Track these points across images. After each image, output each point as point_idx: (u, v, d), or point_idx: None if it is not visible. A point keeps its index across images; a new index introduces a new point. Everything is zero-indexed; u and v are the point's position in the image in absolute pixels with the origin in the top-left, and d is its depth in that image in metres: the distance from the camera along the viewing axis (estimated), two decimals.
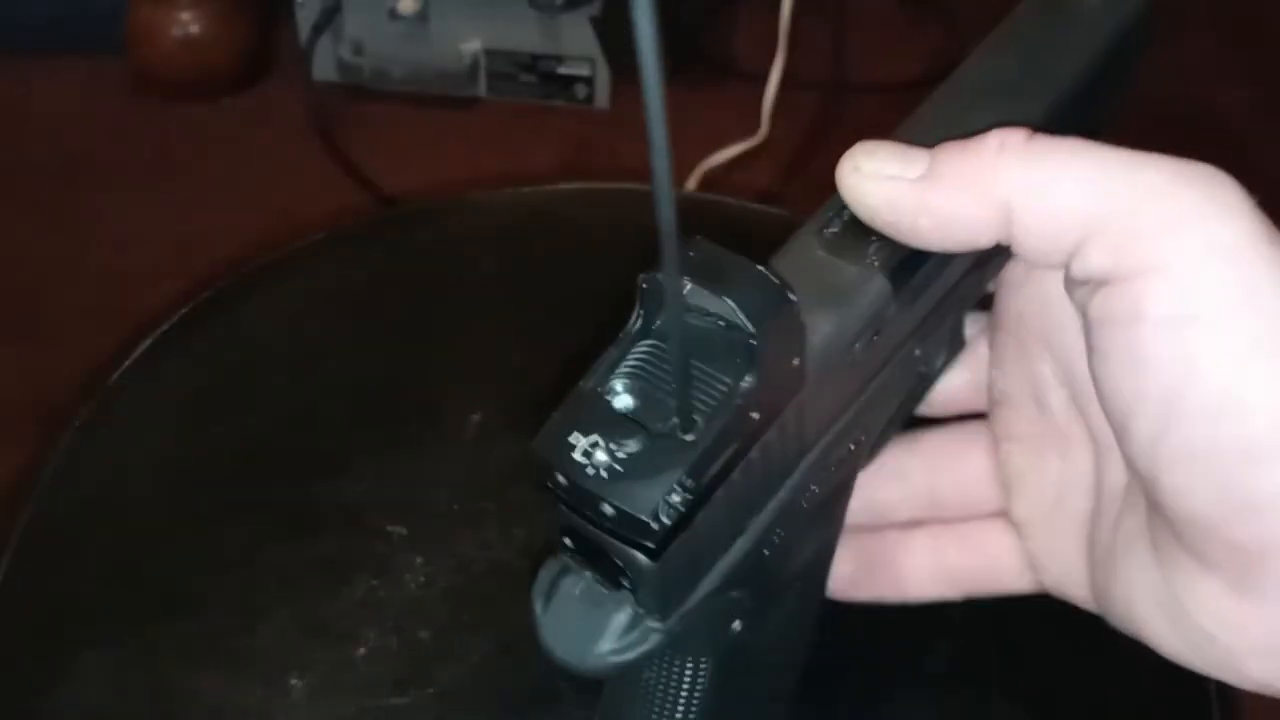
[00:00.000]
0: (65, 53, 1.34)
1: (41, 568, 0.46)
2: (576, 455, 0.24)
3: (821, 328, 0.27)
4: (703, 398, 0.24)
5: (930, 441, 0.34)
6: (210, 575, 0.45)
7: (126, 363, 0.52)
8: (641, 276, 0.25)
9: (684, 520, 0.24)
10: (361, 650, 0.42)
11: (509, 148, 1.26)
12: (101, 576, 0.46)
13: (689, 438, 0.24)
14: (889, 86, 1.30)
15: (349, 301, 0.55)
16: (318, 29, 1.27)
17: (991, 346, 0.33)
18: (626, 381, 0.25)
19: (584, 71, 1.28)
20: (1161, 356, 0.26)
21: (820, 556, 0.32)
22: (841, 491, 0.32)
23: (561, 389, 0.26)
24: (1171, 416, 0.26)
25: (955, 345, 0.34)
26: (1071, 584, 0.33)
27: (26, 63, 1.33)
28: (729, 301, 0.24)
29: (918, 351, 0.32)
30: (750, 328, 0.24)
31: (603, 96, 1.29)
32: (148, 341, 0.53)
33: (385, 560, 0.44)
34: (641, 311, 0.25)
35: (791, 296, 0.25)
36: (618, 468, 0.24)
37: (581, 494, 0.24)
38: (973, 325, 0.34)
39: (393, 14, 1.25)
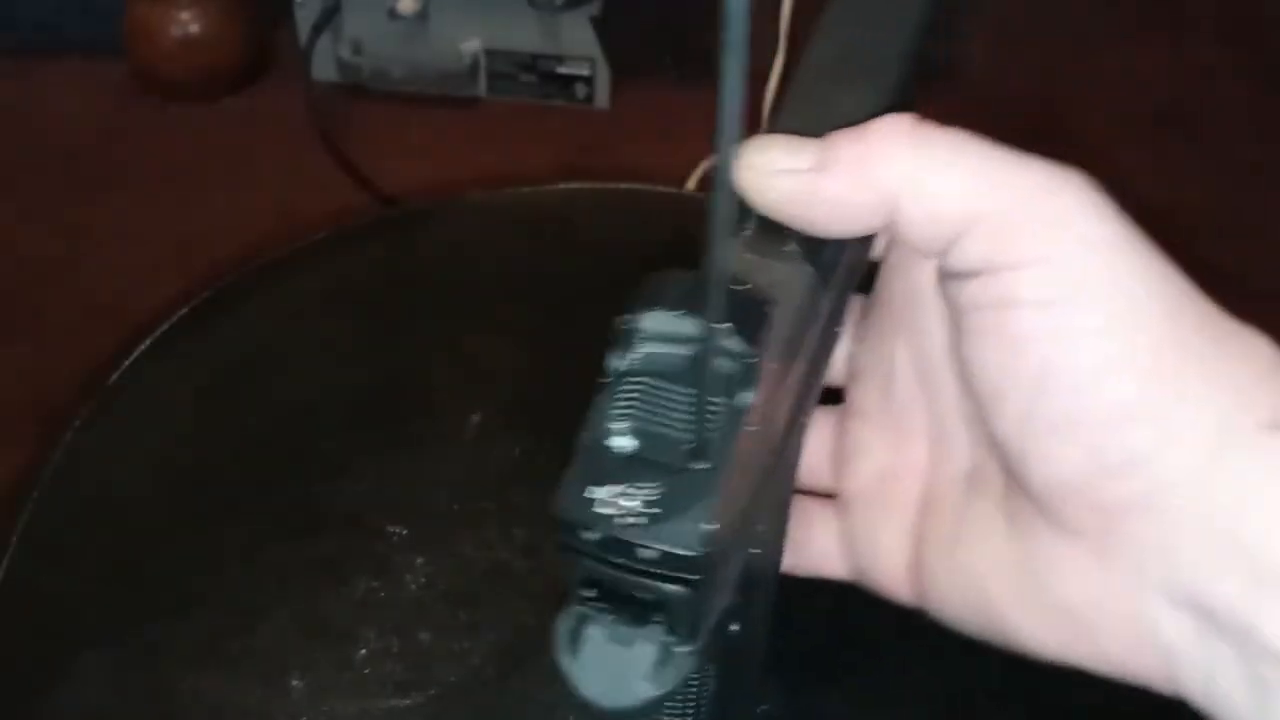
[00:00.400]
0: (65, 53, 1.34)
1: (41, 568, 0.46)
2: (605, 509, 0.24)
3: (776, 328, 0.27)
4: (705, 423, 0.25)
5: None
6: (210, 575, 0.45)
7: (126, 363, 0.52)
8: (622, 318, 0.26)
9: (716, 544, 0.25)
10: (362, 651, 0.42)
11: (509, 148, 1.26)
12: (101, 576, 0.46)
13: (703, 465, 0.25)
14: None
15: (349, 301, 0.55)
16: (317, 29, 1.27)
17: (861, 323, 0.34)
18: (623, 423, 0.25)
19: (584, 71, 1.28)
20: (1035, 333, 0.27)
21: (782, 539, 0.33)
22: (794, 474, 0.33)
23: (560, 391, 0.26)
24: (1044, 388, 0.27)
25: None
26: (883, 570, 0.33)
27: (26, 63, 1.33)
28: (723, 326, 0.25)
29: (837, 329, 0.33)
30: (748, 349, 0.25)
31: (603, 96, 1.29)
32: (148, 341, 0.53)
33: (385, 561, 0.44)
34: (622, 351, 0.26)
35: (772, 308, 0.26)
36: (651, 510, 0.24)
37: (617, 545, 0.25)
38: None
39: (392, 14, 1.25)
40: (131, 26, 1.28)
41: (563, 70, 1.28)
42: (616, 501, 0.24)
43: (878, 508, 0.33)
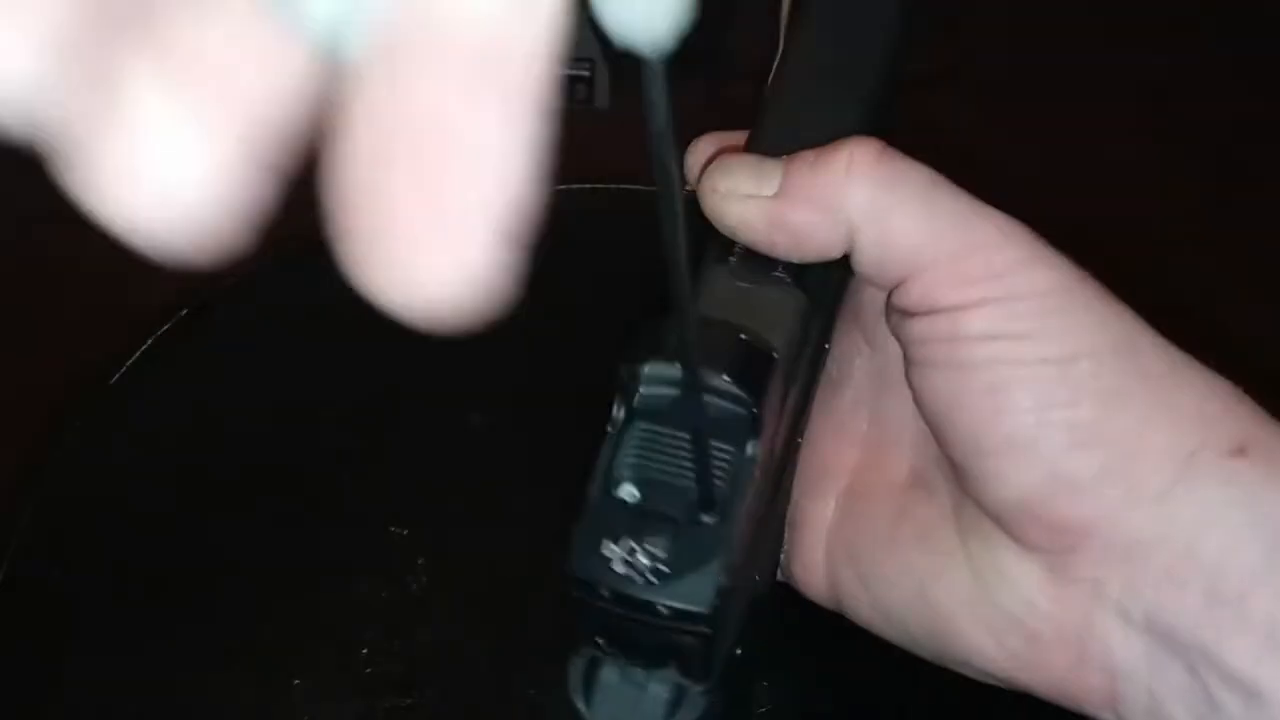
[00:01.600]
0: None
1: (41, 567, 0.46)
2: (618, 567, 0.25)
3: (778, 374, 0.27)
4: (710, 473, 0.25)
5: None
6: (210, 575, 0.45)
7: (127, 363, 0.52)
8: (623, 369, 0.26)
9: (727, 594, 0.25)
10: (364, 651, 0.42)
11: None
12: (101, 576, 0.46)
13: (711, 518, 0.25)
14: None
15: (349, 301, 0.55)
16: None
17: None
18: (629, 473, 0.25)
19: (584, 71, 1.27)
20: (984, 360, 0.28)
21: (777, 558, 0.33)
22: (790, 496, 0.33)
23: (561, 391, 0.26)
24: (993, 411, 0.28)
25: None
26: (802, 563, 0.33)
27: None
28: (726, 379, 0.25)
29: (827, 345, 0.33)
30: (750, 399, 0.25)
31: (603, 96, 1.29)
32: (148, 342, 0.53)
33: (386, 561, 0.44)
34: (624, 402, 0.26)
35: (775, 355, 0.26)
36: (663, 568, 0.24)
37: (632, 602, 0.25)
38: None
39: None
40: None
41: (563, 70, 1.28)
42: (629, 559, 0.24)
43: (805, 499, 0.33)
